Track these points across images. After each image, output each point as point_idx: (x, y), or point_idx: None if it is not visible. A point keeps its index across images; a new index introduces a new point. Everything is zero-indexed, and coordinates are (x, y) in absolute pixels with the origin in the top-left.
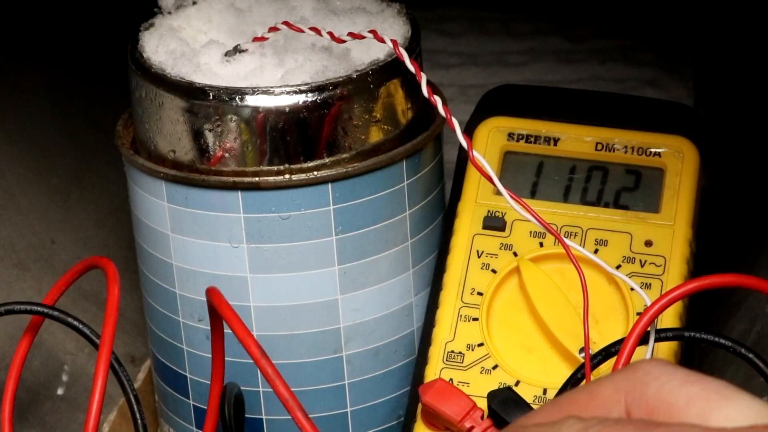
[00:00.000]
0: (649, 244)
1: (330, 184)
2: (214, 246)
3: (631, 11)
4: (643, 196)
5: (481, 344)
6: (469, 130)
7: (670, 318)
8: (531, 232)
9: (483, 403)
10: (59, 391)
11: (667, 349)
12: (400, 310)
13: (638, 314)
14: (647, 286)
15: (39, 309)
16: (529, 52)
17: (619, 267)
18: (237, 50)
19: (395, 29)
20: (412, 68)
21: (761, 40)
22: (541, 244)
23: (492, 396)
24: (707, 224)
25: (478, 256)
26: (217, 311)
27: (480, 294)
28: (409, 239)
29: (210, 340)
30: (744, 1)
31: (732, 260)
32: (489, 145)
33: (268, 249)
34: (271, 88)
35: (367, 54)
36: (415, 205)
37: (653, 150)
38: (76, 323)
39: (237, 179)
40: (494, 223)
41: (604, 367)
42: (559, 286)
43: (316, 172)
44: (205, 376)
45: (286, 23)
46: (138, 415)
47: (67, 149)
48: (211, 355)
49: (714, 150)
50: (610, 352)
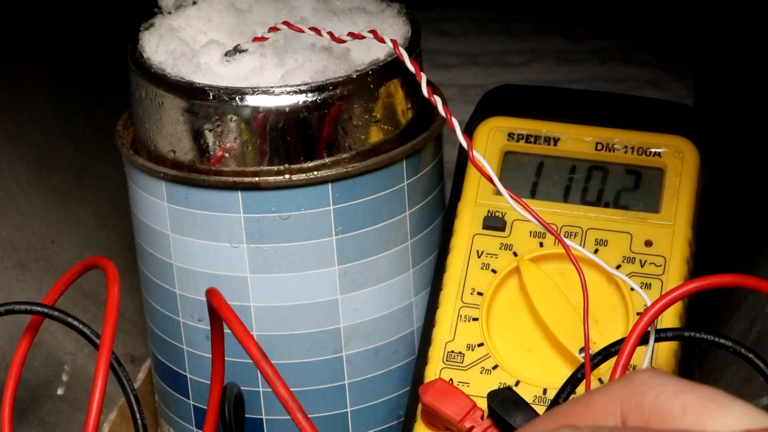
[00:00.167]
0: (649, 244)
1: (330, 184)
2: (214, 246)
3: (631, 11)
4: (643, 196)
5: (481, 344)
6: (469, 130)
7: (670, 318)
8: (531, 232)
9: (483, 403)
10: (59, 391)
11: (667, 349)
12: (400, 310)
13: (638, 314)
14: (647, 286)
15: (39, 309)
16: (529, 52)
17: (619, 267)
18: (237, 50)
19: (395, 29)
20: (412, 68)
21: (761, 40)
22: (541, 244)
23: (492, 396)
24: (707, 224)
25: (478, 256)
26: (217, 312)
27: (480, 294)
28: (409, 239)
29: (210, 340)
30: (744, 1)
31: (732, 260)
32: (489, 145)
33: (268, 249)
34: (271, 88)
35: (367, 54)
36: (415, 205)
37: (653, 150)
38: (76, 323)
39: (237, 179)
40: (494, 223)
41: (604, 367)
42: (559, 286)
43: (316, 172)
44: (205, 376)
45: (286, 23)
46: (138, 415)
47: (67, 149)
48: (211, 355)
49: (714, 150)
50: (610, 352)
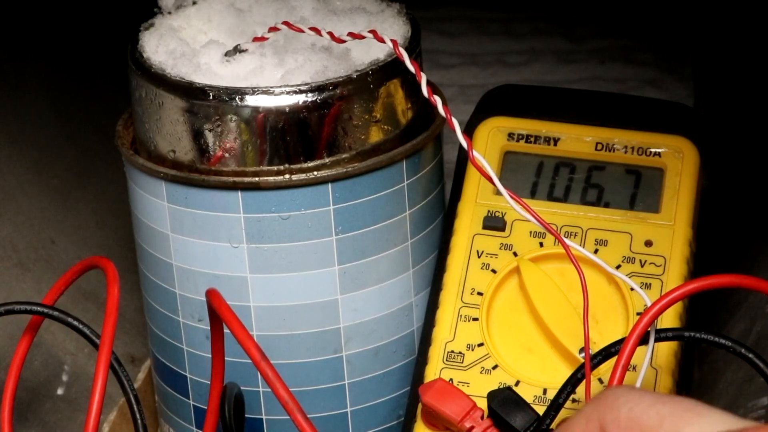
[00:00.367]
0: (649, 244)
1: (330, 184)
2: (214, 246)
3: (631, 11)
4: (643, 196)
5: (481, 344)
6: (469, 130)
7: (670, 318)
8: (531, 232)
9: (483, 403)
10: (59, 391)
11: (667, 349)
12: (400, 310)
13: (638, 314)
14: (647, 286)
15: (39, 309)
16: (529, 52)
17: (619, 267)
18: (237, 50)
19: (395, 29)
20: (412, 68)
21: (761, 40)
22: (541, 244)
23: (492, 396)
24: (707, 224)
25: (478, 256)
26: (217, 313)
27: (480, 294)
28: (409, 239)
29: (210, 340)
30: (744, 1)
31: (732, 260)
32: (489, 145)
33: (268, 249)
34: (271, 88)
35: (367, 54)
36: (415, 205)
37: (653, 150)
38: (76, 323)
39: (237, 179)
40: (494, 223)
41: (604, 367)
42: (559, 286)
43: (316, 172)
44: (205, 376)
45: (286, 23)
46: (138, 415)
47: (67, 149)
48: (211, 355)
49: (714, 150)
50: (610, 352)
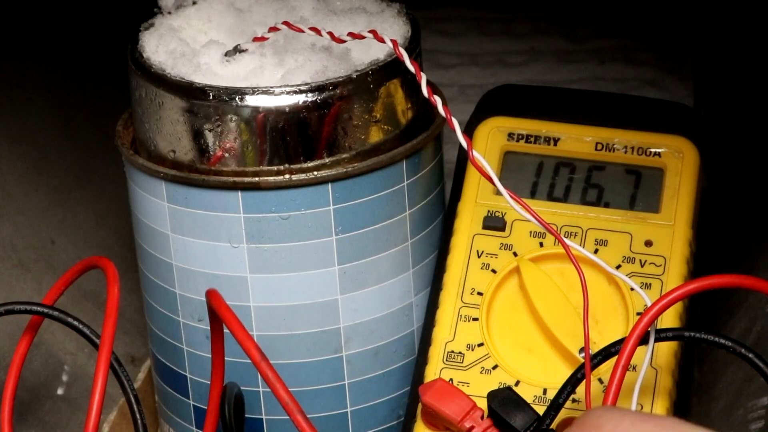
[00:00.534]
0: (649, 244)
1: (330, 184)
2: (214, 246)
3: (631, 11)
4: (643, 196)
5: (481, 344)
6: (469, 130)
7: (670, 318)
8: (531, 232)
9: (483, 403)
10: (59, 391)
11: (667, 349)
12: (400, 310)
13: (638, 314)
14: (647, 286)
15: (39, 309)
16: (529, 52)
17: (619, 267)
18: (237, 50)
19: (395, 29)
20: (412, 68)
21: (761, 40)
22: (541, 244)
23: (492, 396)
24: (707, 224)
25: (478, 256)
26: (217, 313)
27: (480, 294)
28: (409, 239)
29: (210, 340)
30: (744, 1)
31: (732, 260)
32: (489, 145)
33: (268, 249)
34: (271, 88)
35: (367, 54)
36: (415, 205)
37: (653, 150)
38: (76, 323)
39: (237, 179)
40: (494, 223)
41: (604, 367)
42: (559, 286)
43: (316, 172)
44: (205, 376)
45: (286, 23)
46: (138, 415)
47: (67, 149)
48: (211, 355)
49: (714, 150)
50: (610, 352)
